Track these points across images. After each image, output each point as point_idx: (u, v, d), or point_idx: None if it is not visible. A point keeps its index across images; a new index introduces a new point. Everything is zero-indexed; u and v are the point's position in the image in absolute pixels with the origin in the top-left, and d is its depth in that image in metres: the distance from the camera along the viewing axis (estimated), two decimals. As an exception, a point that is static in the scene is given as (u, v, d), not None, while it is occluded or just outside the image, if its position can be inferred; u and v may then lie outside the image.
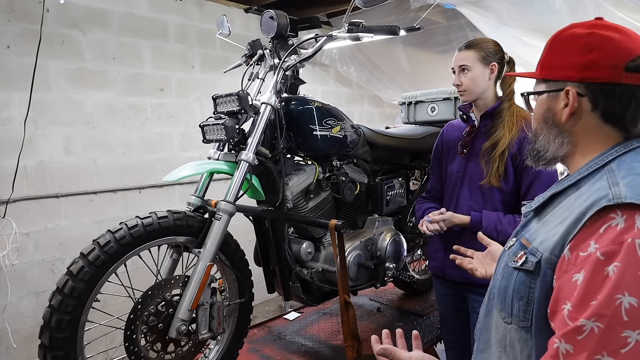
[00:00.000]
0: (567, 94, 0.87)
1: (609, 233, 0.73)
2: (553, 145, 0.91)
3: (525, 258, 0.85)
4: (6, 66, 2.89)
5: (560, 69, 0.89)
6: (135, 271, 1.70)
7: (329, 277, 2.07)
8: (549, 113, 0.91)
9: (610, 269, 0.70)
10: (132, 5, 3.46)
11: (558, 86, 0.89)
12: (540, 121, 0.93)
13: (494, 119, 1.72)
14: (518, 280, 0.86)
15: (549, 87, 0.91)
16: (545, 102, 0.92)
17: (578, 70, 0.86)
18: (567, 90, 0.86)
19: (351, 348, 1.82)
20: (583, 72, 0.85)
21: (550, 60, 0.91)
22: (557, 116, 0.90)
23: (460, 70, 1.73)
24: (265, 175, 1.92)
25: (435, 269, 1.90)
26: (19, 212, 2.95)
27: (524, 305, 0.84)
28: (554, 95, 0.90)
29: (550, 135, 0.91)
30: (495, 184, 1.66)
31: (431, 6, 3.35)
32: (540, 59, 0.93)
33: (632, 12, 2.89)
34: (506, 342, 0.89)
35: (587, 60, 0.85)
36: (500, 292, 0.91)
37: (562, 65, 0.88)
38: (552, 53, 0.91)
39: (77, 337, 1.50)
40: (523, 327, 0.85)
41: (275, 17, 1.89)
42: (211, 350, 1.89)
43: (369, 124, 2.41)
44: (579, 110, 0.87)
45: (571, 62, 0.87)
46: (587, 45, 0.85)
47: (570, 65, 0.87)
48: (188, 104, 3.86)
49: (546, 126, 0.92)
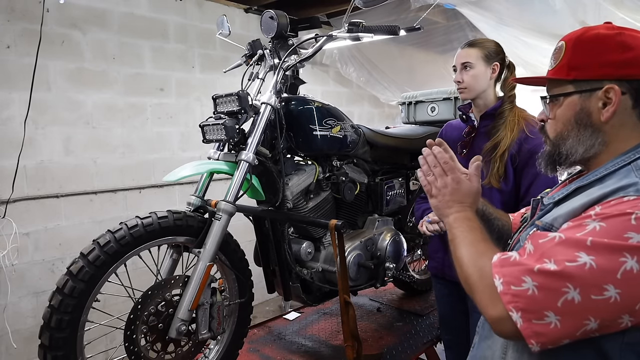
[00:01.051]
0: (606, 92, 0.86)
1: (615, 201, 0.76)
2: (582, 147, 0.90)
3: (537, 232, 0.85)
4: (6, 66, 2.89)
5: (594, 68, 0.87)
6: (135, 271, 1.70)
7: (329, 277, 2.07)
8: (583, 114, 0.89)
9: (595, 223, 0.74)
10: (132, 5, 3.46)
11: (592, 85, 0.87)
12: (571, 123, 0.91)
13: (494, 119, 1.72)
14: None
15: (579, 88, 0.89)
16: (578, 103, 0.89)
17: (616, 68, 0.85)
18: (607, 88, 0.85)
19: (351, 348, 1.82)
20: (622, 70, 0.85)
21: (580, 60, 0.89)
22: (592, 116, 0.88)
23: (463, 68, 1.73)
24: (265, 175, 1.92)
25: (435, 269, 1.90)
26: (19, 212, 2.95)
27: None
28: (587, 95, 0.88)
29: (582, 137, 0.90)
30: (495, 184, 1.66)
31: (431, 6, 3.35)
32: (563, 60, 0.91)
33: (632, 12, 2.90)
34: None
35: (625, 58, 0.85)
36: None
37: (597, 63, 0.87)
38: (580, 53, 0.89)
39: (77, 337, 1.50)
40: None
41: (275, 17, 1.89)
42: (211, 350, 1.89)
43: (369, 124, 2.41)
44: (619, 108, 0.86)
45: (607, 60, 0.86)
46: (623, 44, 0.85)
47: (605, 64, 0.86)
48: (188, 104, 3.87)
49: (578, 127, 0.90)
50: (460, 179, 1.01)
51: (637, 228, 0.71)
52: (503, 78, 1.76)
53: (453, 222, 0.97)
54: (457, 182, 1.00)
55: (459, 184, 1.00)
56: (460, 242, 0.92)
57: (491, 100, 1.75)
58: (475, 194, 1.01)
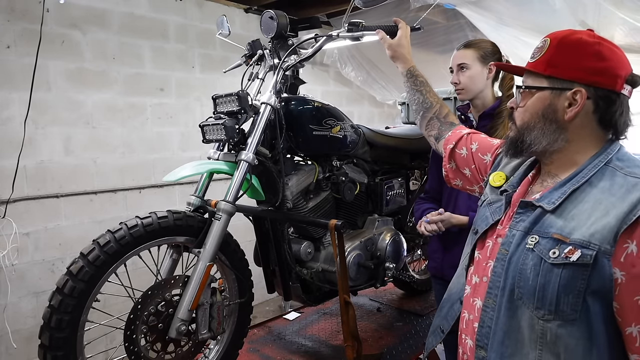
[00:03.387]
0: (575, 94, 0.92)
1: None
2: (546, 140, 0.96)
3: (580, 252, 0.85)
4: (6, 66, 2.89)
5: (570, 70, 0.93)
6: (135, 271, 1.70)
7: (329, 277, 2.07)
8: (550, 109, 0.95)
9: None
10: (132, 5, 3.46)
11: (564, 85, 0.93)
12: (538, 115, 0.97)
13: (493, 119, 1.72)
14: (565, 276, 0.87)
15: (553, 85, 0.94)
16: (548, 98, 0.95)
17: (588, 74, 0.91)
18: (576, 90, 0.92)
19: (351, 348, 1.82)
20: (594, 77, 0.91)
21: (559, 60, 0.94)
22: (558, 113, 0.94)
23: (459, 69, 1.74)
24: (265, 175, 1.92)
25: (434, 269, 1.90)
26: (19, 212, 2.95)
27: (574, 299, 0.86)
28: (558, 93, 0.94)
29: (547, 130, 0.96)
30: (494, 184, 1.66)
31: (431, 6, 3.34)
32: (544, 56, 0.96)
33: (632, 12, 2.89)
34: (547, 339, 0.89)
35: (598, 67, 0.91)
36: (537, 290, 0.90)
37: (572, 66, 0.93)
38: (561, 54, 0.94)
39: (77, 337, 1.50)
40: (569, 321, 0.87)
41: (275, 17, 1.89)
42: (211, 350, 1.89)
43: (369, 124, 2.41)
44: (581, 111, 0.92)
45: (582, 66, 0.92)
46: (599, 54, 0.92)
47: (581, 68, 0.92)
48: (188, 104, 3.86)
49: (543, 121, 0.96)
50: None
51: None
52: (500, 77, 1.76)
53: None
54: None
55: None
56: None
57: (489, 100, 1.75)
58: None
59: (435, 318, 1.25)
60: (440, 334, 1.21)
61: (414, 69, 1.55)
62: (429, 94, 1.51)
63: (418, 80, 1.53)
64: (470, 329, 1.04)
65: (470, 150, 1.32)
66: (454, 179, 1.40)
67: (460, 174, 1.36)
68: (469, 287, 1.08)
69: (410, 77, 1.54)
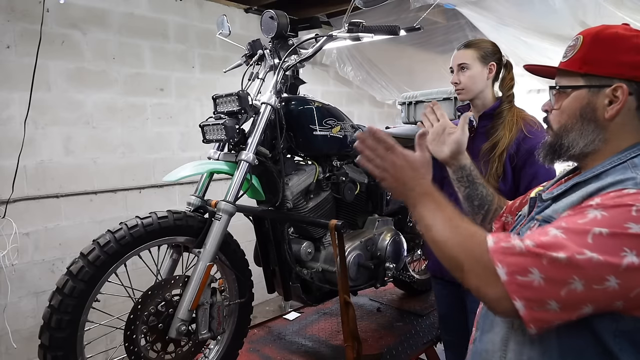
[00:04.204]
0: (614, 90, 0.87)
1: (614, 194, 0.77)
2: (583, 141, 0.91)
3: (538, 224, 0.86)
4: (6, 66, 2.89)
5: (608, 66, 0.88)
6: (135, 271, 1.70)
7: (329, 277, 2.06)
8: (588, 108, 0.90)
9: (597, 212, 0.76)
10: (132, 5, 3.46)
11: (602, 82, 0.88)
12: (576, 116, 0.92)
13: (493, 119, 1.72)
14: None
15: (590, 82, 0.90)
16: (585, 97, 0.90)
17: (628, 69, 0.86)
18: (616, 86, 0.86)
19: (351, 348, 1.82)
20: (634, 71, 0.86)
21: (595, 56, 0.90)
22: (597, 112, 0.89)
23: (459, 69, 1.74)
24: (265, 175, 1.92)
25: (434, 269, 1.90)
26: (19, 212, 2.96)
27: None
28: (596, 91, 0.89)
29: (585, 131, 0.91)
30: (493, 184, 1.65)
31: (431, 6, 3.35)
32: (578, 54, 0.91)
33: (632, 12, 2.90)
34: (513, 320, 0.89)
35: (638, 60, 0.86)
36: None
37: (610, 62, 0.88)
38: (596, 49, 0.90)
39: (77, 337, 1.50)
40: None
41: (275, 17, 1.89)
42: (211, 350, 1.89)
43: (369, 124, 2.41)
44: (623, 108, 0.87)
45: (621, 60, 0.87)
46: (637, 47, 0.87)
47: (620, 63, 0.87)
48: (188, 104, 3.87)
49: (582, 121, 0.91)
50: (405, 152, 0.94)
51: (637, 219, 0.73)
52: (501, 77, 1.76)
53: (416, 202, 0.92)
54: (404, 157, 0.93)
55: (407, 158, 0.93)
56: (432, 222, 0.88)
57: (489, 100, 1.75)
58: (427, 163, 0.95)
59: None
60: None
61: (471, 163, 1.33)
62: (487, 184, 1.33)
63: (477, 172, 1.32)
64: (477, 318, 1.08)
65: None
66: None
67: None
68: None
69: (473, 169, 1.32)
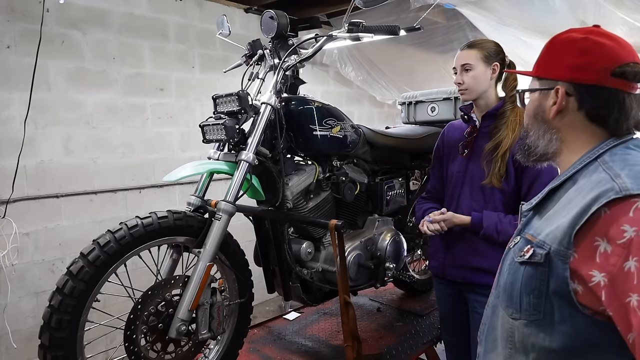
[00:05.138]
0: (556, 92, 0.91)
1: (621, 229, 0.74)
2: (542, 141, 0.96)
3: (532, 251, 0.87)
4: (6, 66, 2.89)
5: (553, 69, 0.94)
6: (135, 271, 1.70)
7: (329, 277, 2.06)
8: (539, 110, 0.96)
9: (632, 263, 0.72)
10: (132, 5, 3.46)
11: (549, 85, 0.94)
12: (531, 117, 0.98)
13: (496, 119, 1.72)
14: (526, 275, 0.87)
15: (541, 85, 0.96)
16: (537, 99, 0.96)
17: (569, 71, 0.91)
18: (557, 88, 0.91)
19: (351, 348, 1.82)
20: (573, 73, 0.90)
21: (545, 60, 0.96)
22: (545, 113, 0.95)
23: (463, 69, 1.73)
24: (265, 175, 1.92)
25: (436, 269, 1.90)
26: (19, 212, 2.95)
27: (535, 299, 0.86)
28: (545, 93, 0.95)
29: (540, 132, 0.96)
30: (496, 184, 1.66)
31: (431, 6, 3.35)
32: (538, 58, 0.98)
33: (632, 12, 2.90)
34: (515, 338, 0.90)
35: (578, 63, 0.90)
36: (506, 288, 0.93)
37: (556, 65, 0.93)
38: (548, 54, 0.96)
39: (77, 337, 1.50)
40: (533, 321, 0.86)
41: (275, 17, 1.89)
42: (211, 350, 1.89)
43: (369, 124, 2.41)
44: (565, 109, 0.92)
45: (564, 63, 0.92)
46: (581, 49, 0.90)
47: (562, 66, 0.92)
48: (188, 104, 3.87)
49: (536, 122, 0.97)
50: None
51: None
52: (504, 78, 1.76)
53: None
54: None
55: None
56: None
57: (492, 100, 1.75)
58: None
59: None
60: None
61: None
62: None
63: None
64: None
65: None
66: None
67: None
68: None
69: None
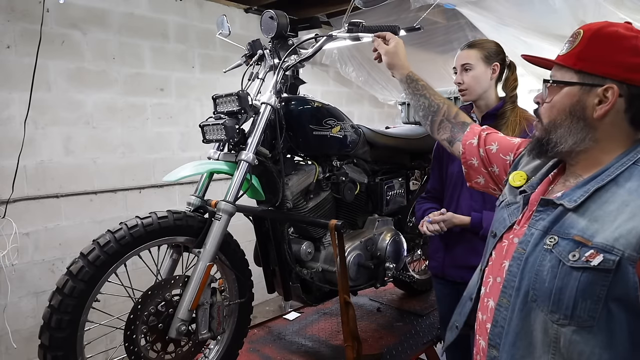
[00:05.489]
0: (605, 91, 0.86)
1: None
2: (572, 139, 0.90)
3: (602, 257, 0.80)
4: (6, 66, 2.89)
5: (603, 65, 0.87)
6: (135, 271, 1.70)
7: (329, 277, 2.06)
8: (578, 106, 0.89)
9: None
10: (132, 5, 3.46)
11: (595, 81, 0.87)
12: (565, 113, 0.91)
13: (496, 119, 1.72)
14: (585, 281, 0.82)
15: (583, 80, 0.89)
16: (576, 95, 0.90)
17: (623, 71, 0.85)
18: (607, 87, 0.86)
19: (351, 348, 1.82)
20: (628, 73, 0.85)
21: (591, 54, 0.89)
22: (587, 110, 0.89)
23: (463, 69, 1.73)
24: (265, 175, 1.92)
25: (435, 269, 1.90)
26: (19, 212, 2.96)
27: (592, 305, 0.81)
28: (587, 89, 0.88)
29: (574, 129, 0.90)
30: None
31: (431, 6, 3.35)
32: (575, 49, 0.90)
33: (632, 12, 2.90)
34: (560, 344, 0.85)
35: (633, 62, 0.85)
36: (553, 293, 0.86)
37: (605, 61, 0.87)
38: (593, 47, 0.89)
39: (77, 337, 1.50)
40: (585, 328, 0.82)
41: (275, 17, 1.89)
42: (211, 350, 1.89)
43: (369, 124, 2.41)
44: (612, 109, 0.86)
45: (616, 61, 0.86)
46: (635, 48, 0.85)
47: (615, 64, 0.86)
48: (188, 104, 3.87)
49: (571, 118, 0.90)
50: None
51: None
52: (504, 78, 1.76)
53: None
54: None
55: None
56: None
57: (492, 100, 1.75)
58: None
59: (454, 315, 1.24)
60: (455, 330, 1.20)
61: (412, 74, 1.48)
62: (433, 96, 1.44)
63: (419, 84, 1.46)
64: (484, 330, 1.01)
65: (489, 152, 1.26)
66: (475, 177, 1.33)
67: (481, 171, 1.30)
68: (484, 288, 1.05)
69: (411, 82, 1.47)
